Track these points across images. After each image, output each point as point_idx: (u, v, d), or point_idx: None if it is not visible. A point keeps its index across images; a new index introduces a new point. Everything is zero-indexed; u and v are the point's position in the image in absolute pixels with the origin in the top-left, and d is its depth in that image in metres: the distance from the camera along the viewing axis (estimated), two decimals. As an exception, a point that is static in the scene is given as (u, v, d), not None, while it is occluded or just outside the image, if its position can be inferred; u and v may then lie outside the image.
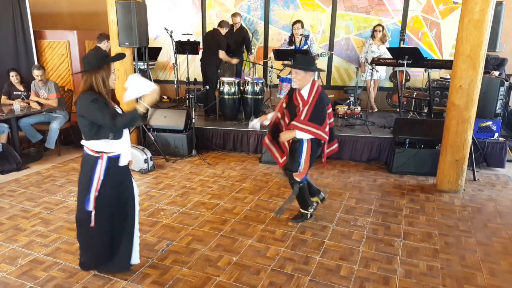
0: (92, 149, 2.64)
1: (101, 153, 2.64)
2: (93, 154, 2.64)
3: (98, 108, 2.51)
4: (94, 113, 2.51)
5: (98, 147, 2.64)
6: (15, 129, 5.34)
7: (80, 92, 2.58)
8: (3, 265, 3.06)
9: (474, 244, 3.45)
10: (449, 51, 6.76)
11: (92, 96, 2.53)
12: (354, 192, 4.54)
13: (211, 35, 6.52)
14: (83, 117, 2.57)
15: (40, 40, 6.62)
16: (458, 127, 4.36)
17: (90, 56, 2.64)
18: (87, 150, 2.67)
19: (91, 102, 2.51)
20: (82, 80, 2.60)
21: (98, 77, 2.55)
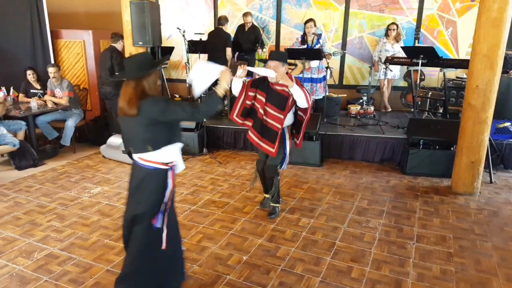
0: (161, 161, 2.35)
1: (170, 163, 2.40)
2: (162, 167, 2.37)
3: (174, 103, 2.31)
4: (173, 109, 2.27)
5: (167, 156, 2.37)
6: (32, 126, 5.46)
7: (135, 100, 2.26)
8: (20, 259, 3.14)
9: (490, 249, 3.38)
10: (465, 50, 6.63)
11: (158, 97, 2.34)
12: (366, 193, 4.50)
13: (216, 34, 6.56)
14: (153, 124, 2.28)
15: (56, 39, 6.73)
16: (474, 128, 4.28)
17: (140, 60, 2.36)
18: (154, 165, 2.35)
19: (165, 101, 2.30)
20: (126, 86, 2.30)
21: (150, 81, 2.33)
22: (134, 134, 2.35)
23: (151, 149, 2.32)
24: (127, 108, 2.27)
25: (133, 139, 2.37)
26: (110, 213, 3.94)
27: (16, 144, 5.02)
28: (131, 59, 2.42)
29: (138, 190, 2.40)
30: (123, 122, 2.39)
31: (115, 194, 4.40)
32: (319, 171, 5.19)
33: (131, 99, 2.26)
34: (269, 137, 3.58)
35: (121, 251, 3.23)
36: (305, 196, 4.39)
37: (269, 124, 3.58)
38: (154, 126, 2.29)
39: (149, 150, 2.32)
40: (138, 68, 2.30)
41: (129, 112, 2.26)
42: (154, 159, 2.35)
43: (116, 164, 5.40)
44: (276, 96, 3.53)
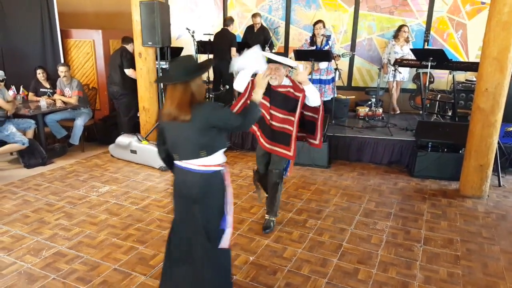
0: (217, 163, 2.32)
1: (223, 163, 2.38)
2: (219, 168, 2.33)
3: (227, 110, 2.31)
4: (226, 116, 2.25)
5: (220, 158, 2.35)
6: (41, 125, 5.50)
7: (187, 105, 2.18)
8: (28, 257, 3.16)
9: (497, 252, 3.35)
10: (475, 53, 6.58)
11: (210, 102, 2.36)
12: (374, 195, 4.48)
13: (221, 34, 6.62)
14: (208, 129, 2.23)
15: (66, 39, 6.79)
16: (483, 131, 4.25)
17: (187, 63, 2.27)
18: (211, 168, 2.30)
19: (219, 108, 2.27)
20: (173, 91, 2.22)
21: (198, 84, 2.26)
22: (186, 140, 2.25)
23: (205, 155, 2.26)
24: (179, 113, 2.18)
25: (183, 145, 2.28)
26: (118, 212, 3.97)
27: (25, 143, 5.07)
28: (177, 62, 2.31)
29: (203, 196, 2.31)
30: (170, 128, 2.29)
31: (123, 193, 4.43)
32: (326, 172, 5.18)
33: (182, 104, 2.18)
34: (283, 140, 3.39)
35: (128, 250, 3.26)
36: (312, 198, 4.38)
37: (280, 128, 3.40)
38: (209, 131, 2.23)
39: (201, 156, 2.26)
40: (185, 71, 2.21)
41: (181, 117, 2.18)
42: (210, 163, 2.29)
43: (125, 163, 5.43)
44: (281, 98, 3.38)
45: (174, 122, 2.22)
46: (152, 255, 3.21)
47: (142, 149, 5.26)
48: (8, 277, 2.90)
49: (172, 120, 2.22)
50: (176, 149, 2.32)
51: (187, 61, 2.29)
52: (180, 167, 2.33)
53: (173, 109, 2.20)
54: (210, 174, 2.30)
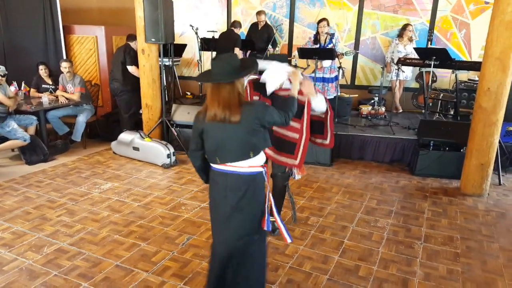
0: (261, 164, 2.29)
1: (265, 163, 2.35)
2: (262, 169, 2.29)
3: (272, 108, 2.29)
4: (274, 113, 2.24)
5: (263, 157, 2.32)
6: (43, 121, 5.51)
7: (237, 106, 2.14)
8: (30, 253, 3.17)
9: (496, 250, 3.37)
10: (478, 53, 6.56)
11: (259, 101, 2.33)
12: (375, 193, 4.49)
13: (227, 35, 6.67)
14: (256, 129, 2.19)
15: (69, 34, 6.79)
16: (485, 130, 4.25)
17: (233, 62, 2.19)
18: (256, 169, 2.25)
19: (267, 106, 2.27)
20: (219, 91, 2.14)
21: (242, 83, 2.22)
22: (235, 141, 2.18)
23: (253, 155, 2.21)
24: (228, 114, 2.12)
25: (231, 147, 2.19)
26: (120, 209, 3.98)
27: (26, 139, 5.08)
28: (222, 61, 2.19)
29: (248, 200, 2.24)
30: (215, 130, 2.18)
31: (125, 190, 4.44)
32: (329, 170, 5.19)
33: (231, 105, 2.12)
34: (288, 149, 3.14)
35: (130, 247, 3.27)
36: (315, 195, 4.39)
37: (283, 136, 3.16)
38: (258, 131, 2.20)
39: (250, 157, 2.21)
40: (233, 70, 2.14)
41: (231, 118, 2.12)
42: (257, 163, 2.25)
43: (127, 160, 5.44)
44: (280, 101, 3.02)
45: (220, 123, 2.14)
46: (154, 251, 3.22)
47: (145, 146, 5.27)
48: (10, 273, 2.91)
49: (219, 122, 2.14)
50: (220, 152, 2.21)
51: (233, 60, 2.20)
52: (223, 172, 2.23)
53: (220, 110, 2.12)
54: (256, 175, 2.26)
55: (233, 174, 2.22)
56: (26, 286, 2.78)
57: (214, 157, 2.24)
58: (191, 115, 5.81)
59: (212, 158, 2.26)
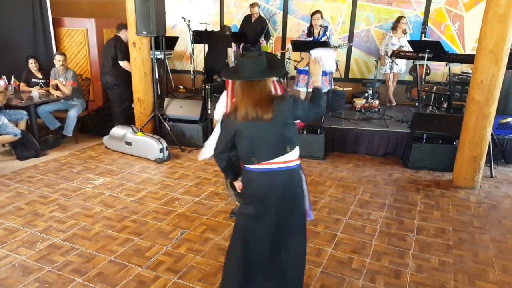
0: (296, 157, 2.23)
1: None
2: (299, 162, 2.26)
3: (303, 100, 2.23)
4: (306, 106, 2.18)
5: (298, 151, 2.26)
6: (34, 116, 5.43)
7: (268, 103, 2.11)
8: (22, 249, 3.15)
9: (488, 241, 3.41)
10: (471, 45, 6.57)
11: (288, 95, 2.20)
12: (368, 186, 4.50)
13: (219, 35, 6.66)
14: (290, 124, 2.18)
15: (58, 27, 6.69)
16: (477, 123, 4.27)
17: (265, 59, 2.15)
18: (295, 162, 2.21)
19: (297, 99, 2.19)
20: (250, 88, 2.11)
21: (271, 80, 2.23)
22: (271, 137, 2.15)
23: (289, 150, 2.16)
24: (261, 112, 2.08)
25: (267, 144, 2.15)
26: (113, 204, 3.96)
27: (17, 134, 5.01)
28: (253, 58, 2.14)
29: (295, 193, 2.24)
30: (249, 129, 2.14)
31: (118, 185, 4.41)
32: (322, 164, 5.19)
33: (263, 103, 2.09)
34: None
35: (124, 242, 3.26)
36: (309, 189, 4.37)
37: None
38: (292, 125, 2.18)
39: (287, 152, 2.16)
40: (265, 67, 2.12)
41: (264, 116, 2.08)
42: (294, 157, 2.20)
43: (119, 155, 5.40)
44: None
45: (253, 122, 2.11)
46: (148, 246, 3.21)
47: (137, 141, 5.23)
48: (2, 269, 2.89)
49: (251, 121, 2.11)
50: (255, 152, 2.16)
51: (262, 58, 2.14)
52: (261, 171, 2.18)
53: (252, 108, 2.09)
54: (295, 169, 2.22)
55: (274, 171, 2.17)
56: (19, 282, 2.76)
57: (250, 158, 2.18)
58: (183, 109, 5.78)
59: (248, 159, 2.20)
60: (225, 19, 7.71)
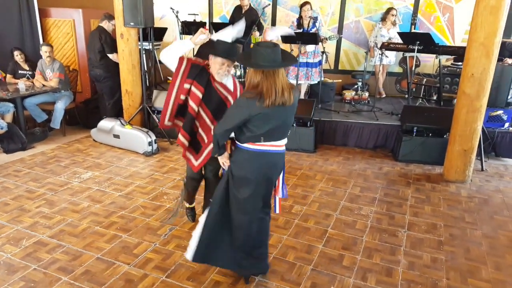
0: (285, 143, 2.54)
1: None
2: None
3: None
4: None
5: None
6: (20, 108, 5.31)
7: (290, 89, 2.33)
8: (8, 246, 3.09)
9: (479, 237, 3.41)
10: (461, 37, 6.56)
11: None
12: (358, 180, 4.50)
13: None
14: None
15: (45, 18, 6.51)
16: (468, 116, 4.27)
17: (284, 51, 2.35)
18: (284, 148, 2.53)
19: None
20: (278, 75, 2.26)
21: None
22: (287, 122, 2.44)
23: (287, 134, 2.50)
24: (287, 97, 2.29)
25: (283, 128, 2.43)
26: (100, 199, 3.89)
27: (3, 127, 4.91)
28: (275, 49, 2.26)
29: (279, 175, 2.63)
30: (276, 114, 2.32)
31: (106, 179, 4.34)
32: (312, 157, 5.17)
33: (289, 89, 2.31)
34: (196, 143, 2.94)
35: (111, 238, 3.21)
36: (298, 183, 4.37)
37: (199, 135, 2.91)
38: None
39: (286, 136, 2.49)
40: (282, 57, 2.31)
41: (288, 102, 2.31)
42: (285, 143, 2.52)
43: (107, 148, 5.31)
44: (216, 98, 2.80)
45: (280, 107, 2.28)
46: (136, 243, 3.16)
47: (126, 134, 5.15)
48: (-13, 268, 2.84)
49: (278, 105, 2.27)
50: (269, 132, 2.36)
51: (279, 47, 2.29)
52: (268, 151, 2.43)
53: (282, 95, 2.27)
54: (284, 153, 2.55)
55: (277, 153, 2.47)
56: (4, 280, 2.70)
57: (259, 137, 2.37)
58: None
59: (256, 138, 2.37)
60: (214, 10, 7.58)
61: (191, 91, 2.76)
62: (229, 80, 2.86)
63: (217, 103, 2.81)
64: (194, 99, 2.77)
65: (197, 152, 2.95)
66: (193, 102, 2.78)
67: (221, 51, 2.64)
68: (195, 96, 2.76)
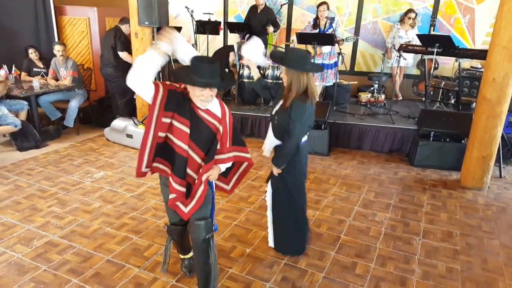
0: None
1: None
2: None
3: None
4: None
5: None
6: (34, 106, 5.35)
7: None
8: (19, 246, 3.09)
9: (497, 247, 3.30)
10: (482, 39, 6.39)
11: None
12: (373, 185, 4.40)
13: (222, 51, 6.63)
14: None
15: (60, 16, 6.57)
16: (488, 122, 4.13)
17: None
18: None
19: None
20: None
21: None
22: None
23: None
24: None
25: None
26: (112, 199, 3.89)
27: (17, 125, 4.94)
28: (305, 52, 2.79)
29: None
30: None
31: (118, 179, 4.34)
32: (326, 160, 5.09)
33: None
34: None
35: (122, 240, 3.19)
36: (311, 187, 4.30)
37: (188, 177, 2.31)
38: None
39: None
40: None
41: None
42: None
43: (120, 148, 5.32)
44: (205, 130, 2.24)
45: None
46: (146, 245, 3.14)
47: (139, 134, 5.14)
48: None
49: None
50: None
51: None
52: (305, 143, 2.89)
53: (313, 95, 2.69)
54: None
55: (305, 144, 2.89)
56: (14, 282, 2.70)
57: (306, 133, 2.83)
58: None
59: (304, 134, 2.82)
60: (229, 9, 7.54)
61: (174, 127, 2.19)
62: (214, 105, 2.27)
63: (207, 136, 2.25)
64: (181, 137, 2.20)
65: (187, 197, 2.31)
66: (180, 140, 2.21)
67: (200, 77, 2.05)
68: (181, 133, 2.19)
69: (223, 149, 2.36)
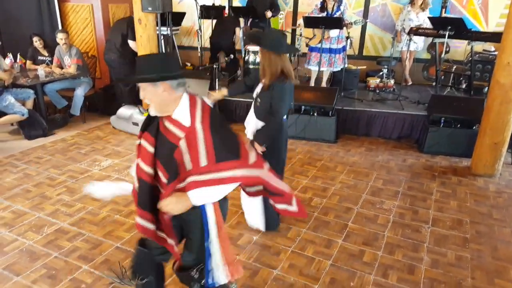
0: None
1: None
2: None
3: None
4: None
5: None
6: (40, 95, 5.35)
7: None
8: (30, 233, 3.14)
9: (508, 235, 3.26)
10: (495, 21, 6.19)
11: None
12: (381, 172, 4.36)
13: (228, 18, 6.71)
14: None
15: (63, 3, 6.50)
16: (501, 107, 4.04)
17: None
18: None
19: None
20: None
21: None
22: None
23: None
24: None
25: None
26: (120, 187, 3.90)
27: (24, 113, 4.95)
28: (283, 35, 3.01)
29: None
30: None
31: (126, 167, 4.35)
32: (333, 147, 5.04)
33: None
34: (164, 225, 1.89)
35: (130, 227, 3.21)
36: (318, 175, 4.27)
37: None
38: None
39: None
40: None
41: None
42: None
43: (127, 135, 5.32)
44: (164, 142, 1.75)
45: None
46: (154, 234, 3.15)
47: (144, 121, 5.13)
48: (10, 254, 2.89)
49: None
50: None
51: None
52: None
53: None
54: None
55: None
56: (26, 268, 2.75)
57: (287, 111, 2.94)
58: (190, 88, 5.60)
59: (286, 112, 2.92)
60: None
61: (141, 148, 1.83)
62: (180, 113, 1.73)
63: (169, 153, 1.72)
64: (145, 158, 1.79)
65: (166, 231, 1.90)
66: (143, 162, 1.80)
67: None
68: (146, 154, 1.79)
69: (196, 168, 1.69)
